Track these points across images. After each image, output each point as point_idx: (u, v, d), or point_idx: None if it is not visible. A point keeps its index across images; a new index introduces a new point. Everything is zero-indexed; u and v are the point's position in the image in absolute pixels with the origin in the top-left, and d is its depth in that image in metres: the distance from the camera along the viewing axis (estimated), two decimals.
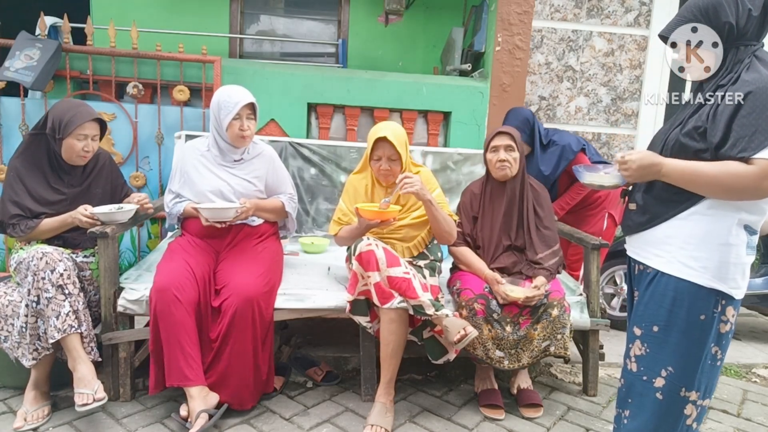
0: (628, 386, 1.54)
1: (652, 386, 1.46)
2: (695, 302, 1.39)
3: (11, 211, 2.08)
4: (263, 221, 2.41)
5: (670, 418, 1.45)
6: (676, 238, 1.41)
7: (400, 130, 2.24)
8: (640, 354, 1.49)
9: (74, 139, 2.11)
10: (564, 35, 4.09)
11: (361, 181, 2.37)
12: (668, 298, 1.42)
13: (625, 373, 1.56)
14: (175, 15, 4.17)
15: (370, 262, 2.06)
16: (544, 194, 2.42)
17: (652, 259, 1.47)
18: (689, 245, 1.39)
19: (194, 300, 2.05)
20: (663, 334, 1.43)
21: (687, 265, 1.39)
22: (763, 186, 1.27)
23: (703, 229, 1.37)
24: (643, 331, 1.48)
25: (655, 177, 1.41)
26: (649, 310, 1.47)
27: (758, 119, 1.26)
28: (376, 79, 3.51)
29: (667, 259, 1.42)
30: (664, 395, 1.44)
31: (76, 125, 2.09)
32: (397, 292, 2.05)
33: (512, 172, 2.31)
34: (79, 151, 2.13)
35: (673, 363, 1.43)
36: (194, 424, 1.91)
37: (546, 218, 2.37)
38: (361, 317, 2.19)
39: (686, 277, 1.39)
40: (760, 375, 2.86)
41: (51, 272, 1.96)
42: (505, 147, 2.29)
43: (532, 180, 2.44)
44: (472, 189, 2.47)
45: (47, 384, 2.11)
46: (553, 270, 2.28)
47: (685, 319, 1.40)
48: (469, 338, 1.98)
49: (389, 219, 2.13)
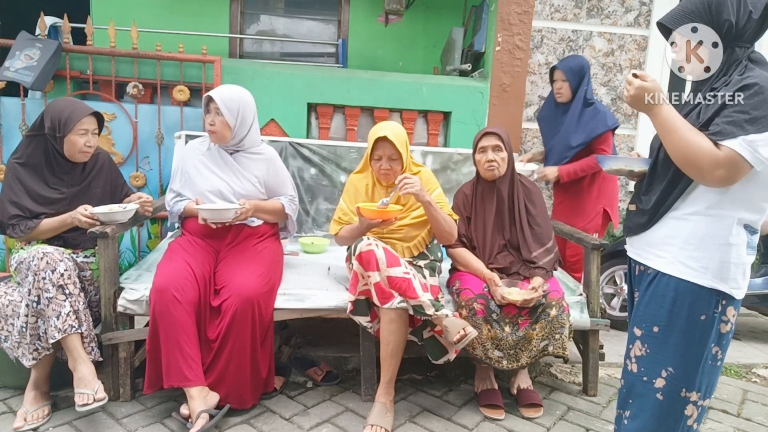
0: (629, 387, 1.54)
1: (653, 387, 1.46)
2: (696, 302, 1.39)
3: (11, 212, 2.08)
4: (263, 222, 2.40)
5: (670, 418, 1.45)
6: (676, 239, 1.41)
7: (400, 130, 2.24)
8: (641, 354, 1.49)
9: (76, 135, 2.12)
10: (564, 35, 4.09)
11: (362, 180, 2.37)
12: (669, 298, 1.42)
13: (626, 374, 1.55)
14: (175, 15, 4.17)
15: (370, 262, 2.06)
16: (536, 191, 2.43)
17: (653, 260, 1.47)
18: (690, 245, 1.38)
19: (194, 300, 2.05)
20: (663, 334, 1.43)
21: (687, 266, 1.39)
22: (714, 173, 1.27)
23: (703, 230, 1.37)
24: (644, 331, 1.48)
25: (646, 110, 1.39)
26: (650, 311, 1.47)
27: (741, 112, 1.26)
28: (376, 79, 3.51)
29: (668, 260, 1.42)
30: (665, 396, 1.44)
31: (76, 121, 2.10)
32: (397, 292, 2.05)
33: (500, 172, 2.32)
34: (82, 146, 2.14)
35: (674, 363, 1.42)
36: (195, 424, 1.91)
37: (538, 215, 2.38)
38: (361, 317, 2.19)
39: (687, 278, 1.39)
40: (760, 375, 2.86)
41: (51, 272, 1.96)
42: (493, 147, 2.30)
43: (522, 178, 2.45)
44: (463, 190, 2.48)
45: (47, 384, 2.11)
46: (549, 268, 2.29)
47: (685, 320, 1.40)
48: (468, 338, 1.98)
49: (390, 218, 2.13)
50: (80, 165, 2.23)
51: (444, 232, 2.24)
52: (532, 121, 4.13)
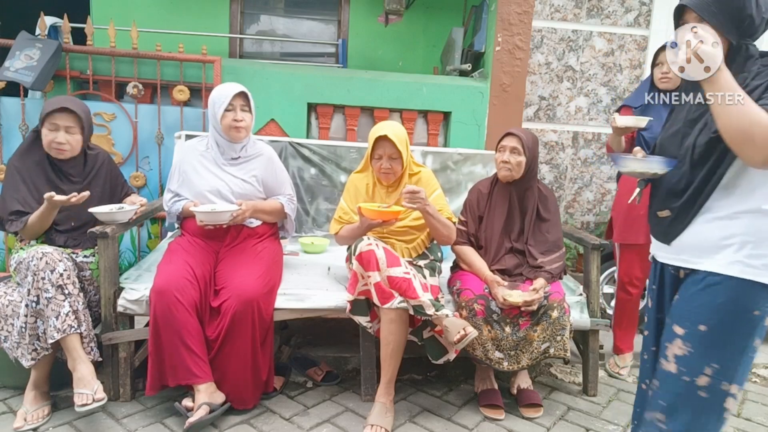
0: (666, 388, 1.48)
1: (695, 385, 1.42)
2: (752, 299, 1.37)
3: (10, 208, 2.09)
4: (262, 222, 2.40)
5: (713, 414, 1.43)
6: (732, 238, 1.38)
7: (400, 129, 2.24)
8: (682, 354, 1.45)
9: (45, 129, 2.09)
10: (564, 35, 4.09)
11: (362, 180, 2.37)
12: (721, 297, 1.39)
13: (664, 376, 1.49)
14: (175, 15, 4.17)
15: (370, 262, 2.06)
16: (552, 198, 2.41)
17: (702, 263, 1.43)
18: (749, 244, 1.36)
19: (195, 300, 2.05)
20: (711, 332, 1.40)
21: (748, 264, 1.36)
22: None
23: (761, 227, 1.36)
24: (687, 330, 1.44)
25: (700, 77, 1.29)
26: (696, 310, 1.43)
27: None
28: (376, 79, 3.51)
29: (724, 261, 1.39)
30: (708, 392, 1.41)
31: (45, 113, 2.07)
32: (397, 292, 2.05)
33: (514, 175, 2.29)
34: (49, 142, 2.08)
35: (719, 359, 1.40)
36: (195, 414, 1.93)
37: (551, 224, 2.36)
38: (361, 317, 2.19)
39: (747, 276, 1.36)
40: (760, 375, 2.85)
41: (51, 272, 1.96)
42: (511, 149, 2.28)
43: (541, 185, 2.42)
44: (479, 188, 2.45)
45: (47, 384, 2.11)
46: (555, 273, 2.27)
47: (737, 316, 1.38)
48: (468, 338, 1.98)
49: (391, 219, 2.13)
50: (80, 164, 2.23)
51: (442, 236, 2.24)
52: (532, 121, 4.14)
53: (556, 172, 4.24)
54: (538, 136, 4.16)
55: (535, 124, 4.15)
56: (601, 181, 4.28)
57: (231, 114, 2.23)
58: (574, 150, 4.22)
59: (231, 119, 2.23)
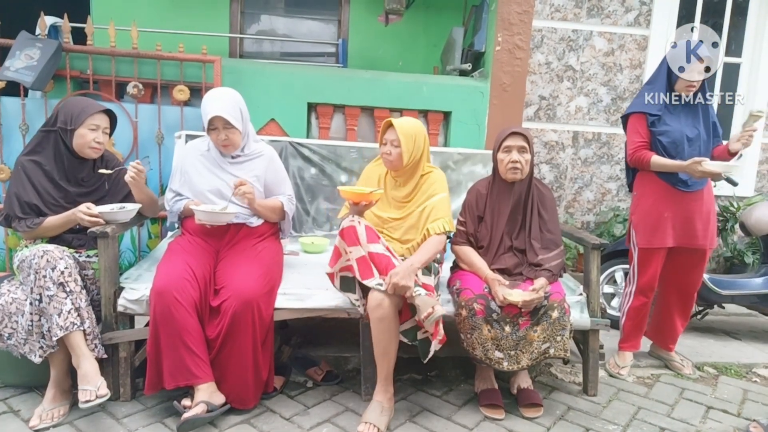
0: None
1: None
2: None
3: (18, 206, 2.11)
4: (262, 222, 2.40)
5: None
6: None
7: (411, 122, 2.31)
8: None
9: (86, 129, 2.16)
10: (564, 35, 4.09)
11: (375, 170, 2.44)
12: None
13: None
14: (175, 15, 4.17)
15: (351, 237, 2.08)
16: (549, 196, 2.41)
17: None
18: None
19: (195, 300, 2.05)
20: None
21: None
22: None
23: None
24: None
25: None
26: None
27: None
28: (376, 78, 3.51)
29: None
30: None
31: (88, 115, 2.16)
32: (376, 269, 2.06)
33: (523, 175, 2.29)
34: (90, 141, 2.17)
35: None
36: (191, 410, 1.93)
37: (550, 221, 2.36)
38: (350, 294, 2.19)
39: None
40: (760, 375, 2.86)
41: (52, 270, 1.96)
42: (519, 148, 2.27)
43: (538, 182, 2.42)
44: (478, 188, 2.45)
45: (68, 380, 2.10)
46: (555, 271, 2.27)
47: None
48: (434, 316, 1.96)
49: (362, 200, 2.15)
50: (89, 165, 2.25)
51: (435, 256, 2.27)
52: (532, 121, 4.14)
53: (557, 171, 4.24)
54: (538, 136, 4.17)
55: (535, 124, 4.15)
56: (601, 181, 4.28)
57: (215, 133, 2.26)
58: (574, 150, 4.22)
59: (215, 138, 2.27)
